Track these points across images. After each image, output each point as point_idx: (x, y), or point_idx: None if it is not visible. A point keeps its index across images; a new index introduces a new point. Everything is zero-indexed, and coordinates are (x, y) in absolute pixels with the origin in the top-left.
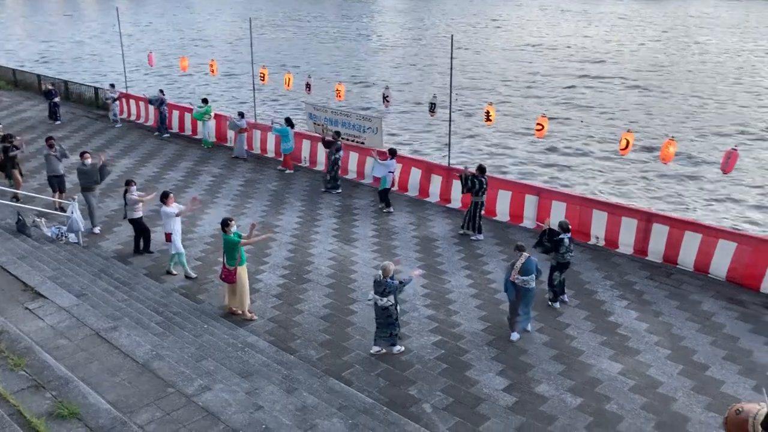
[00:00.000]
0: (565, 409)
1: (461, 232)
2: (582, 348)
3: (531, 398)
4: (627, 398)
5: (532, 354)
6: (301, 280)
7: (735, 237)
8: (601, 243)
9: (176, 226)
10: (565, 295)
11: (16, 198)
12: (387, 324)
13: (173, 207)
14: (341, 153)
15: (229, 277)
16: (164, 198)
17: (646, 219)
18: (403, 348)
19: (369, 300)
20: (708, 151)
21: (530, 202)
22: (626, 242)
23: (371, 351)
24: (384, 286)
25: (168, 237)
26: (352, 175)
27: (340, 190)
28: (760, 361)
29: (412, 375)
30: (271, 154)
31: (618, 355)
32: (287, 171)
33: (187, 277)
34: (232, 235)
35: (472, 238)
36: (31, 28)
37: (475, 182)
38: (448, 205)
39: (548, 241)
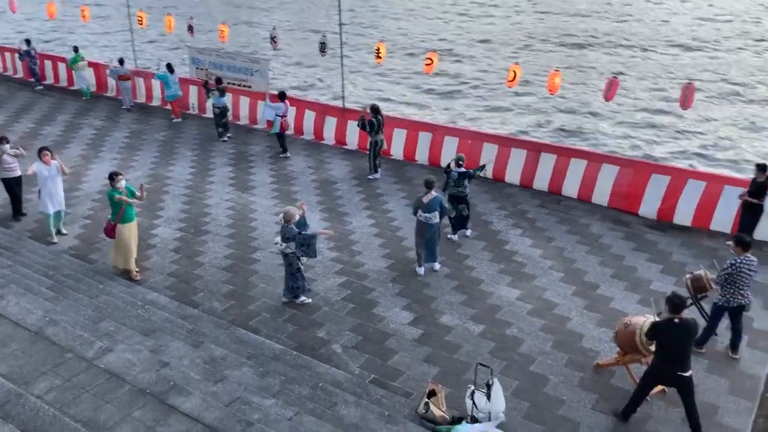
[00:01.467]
0: (469, 336)
1: (369, 177)
2: (482, 277)
3: (436, 329)
4: (526, 321)
5: (435, 287)
6: (200, 232)
7: (617, 161)
8: (490, 169)
9: (50, 186)
10: (468, 230)
11: None
12: (289, 273)
13: (51, 166)
14: (223, 99)
15: (108, 231)
16: (39, 154)
17: (536, 149)
18: (307, 300)
19: (274, 244)
20: (592, 80)
21: (424, 138)
22: (515, 173)
23: (282, 300)
24: (284, 231)
25: (40, 194)
26: (243, 120)
27: (225, 138)
28: (644, 277)
29: (320, 318)
30: (157, 102)
31: (515, 281)
32: (174, 119)
33: (49, 241)
34: (118, 189)
35: (369, 177)
36: None
37: (372, 122)
38: (345, 147)
39: (444, 173)
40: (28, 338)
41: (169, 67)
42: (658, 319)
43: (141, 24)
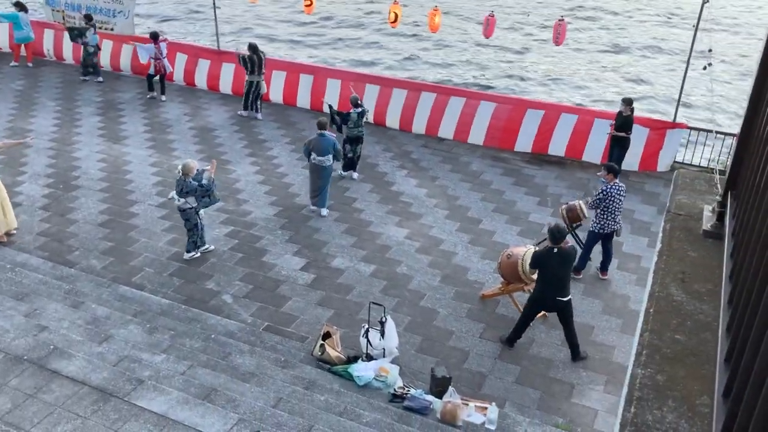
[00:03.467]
0: (360, 278)
1: (241, 113)
2: (370, 219)
3: (328, 273)
4: (414, 259)
5: (325, 231)
6: (70, 188)
7: (494, 98)
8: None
9: None
10: (355, 172)
11: None
12: (188, 228)
13: None
14: (96, 38)
15: None
16: None
17: (416, 89)
18: (197, 254)
19: (169, 199)
20: (468, 18)
21: (305, 81)
22: (395, 118)
23: (184, 256)
24: (182, 185)
25: None
26: (108, 66)
27: (100, 79)
28: (523, 209)
29: (208, 269)
30: (5, 47)
31: (403, 221)
32: (28, 65)
33: None
34: None
35: (244, 114)
36: None
37: (253, 58)
38: (222, 91)
39: (337, 115)
40: None
41: (20, 5)
42: (538, 249)
43: None
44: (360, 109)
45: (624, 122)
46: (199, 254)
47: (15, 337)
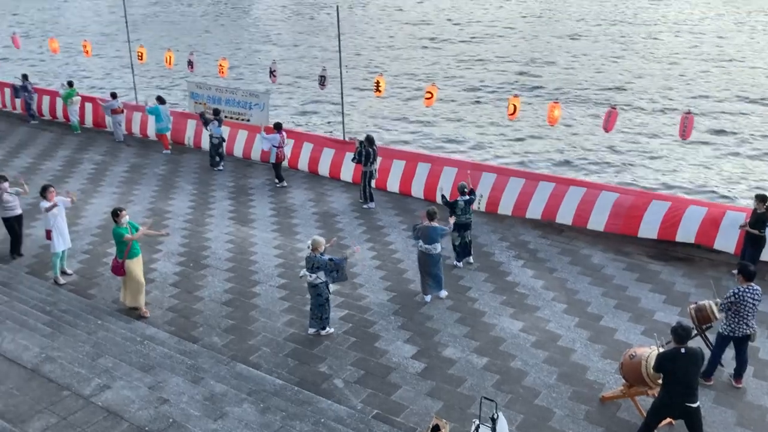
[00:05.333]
0: (472, 369)
1: (365, 206)
2: (484, 309)
3: (439, 362)
4: (530, 354)
5: (437, 319)
6: (199, 266)
7: (616, 189)
8: (483, 204)
9: (59, 222)
10: (471, 257)
11: None
12: (318, 304)
13: (58, 202)
14: (220, 129)
15: (116, 269)
16: (43, 192)
17: (533, 178)
18: (332, 330)
19: (300, 277)
20: (590, 112)
21: (422, 169)
22: (508, 205)
23: (308, 332)
24: (313, 261)
25: (48, 234)
26: (241, 154)
27: (220, 167)
28: (647, 308)
29: (322, 352)
30: (153, 136)
31: (518, 312)
32: (165, 151)
33: (55, 282)
34: (123, 226)
35: (364, 206)
36: None
37: (368, 152)
38: (344, 179)
39: (445, 204)
40: (23, 375)
41: (160, 99)
42: (663, 350)
43: (141, 59)
44: (467, 197)
45: (758, 220)
46: (322, 333)
47: (139, 408)
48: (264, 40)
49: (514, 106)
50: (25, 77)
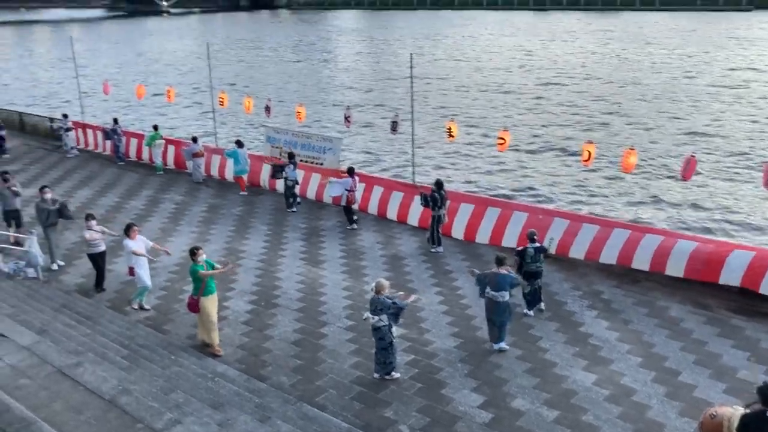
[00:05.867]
0: (542, 422)
1: (432, 250)
2: (555, 360)
3: (507, 414)
4: (603, 408)
5: (506, 368)
6: (270, 305)
7: (695, 238)
8: (554, 246)
9: (141, 260)
10: (542, 304)
11: None
12: (381, 348)
13: (137, 240)
14: (295, 172)
15: (192, 306)
16: (127, 231)
17: (607, 225)
18: (398, 375)
19: (364, 319)
20: (667, 159)
21: (491, 214)
22: (581, 250)
23: (374, 375)
24: (376, 303)
25: (131, 271)
26: (314, 196)
27: (294, 209)
28: (729, 365)
29: (387, 396)
30: (231, 178)
31: (591, 365)
32: (241, 192)
33: (141, 307)
34: (200, 264)
35: (432, 250)
36: None
37: (435, 197)
38: (412, 223)
39: (516, 254)
40: (101, 406)
41: (239, 143)
42: (748, 411)
43: (222, 104)
44: (537, 245)
45: None
46: (387, 378)
47: None
48: (339, 86)
49: (589, 152)
50: (115, 121)
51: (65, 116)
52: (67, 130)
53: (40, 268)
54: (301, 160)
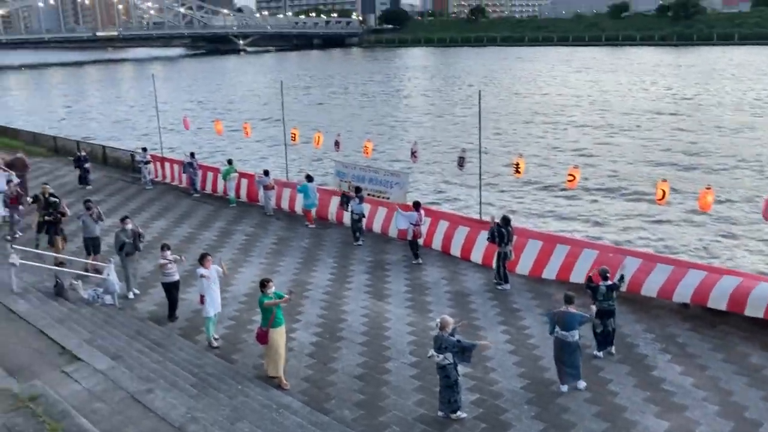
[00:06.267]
0: None
1: (499, 287)
2: (626, 404)
3: None
4: None
5: (574, 411)
6: (335, 339)
7: None
8: (625, 284)
9: (212, 289)
10: (612, 347)
11: (60, 263)
12: (446, 386)
13: (211, 270)
14: (361, 206)
15: (260, 337)
16: (201, 260)
17: (683, 266)
18: (464, 415)
19: (429, 356)
20: (744, 199)
21: (560, 251)
22: (653, 287)
23: (438, 414)
24: (440, 341)
25: (202, 299)
26: (387, 231)
27: (360, 242)
28: None
29: None
30: (300, 211)
31: (664, 411)
32: (309, 225)
33: (209, 344)
34: (269, 296)
35: (498, 287)
36: (73, 97)
37: (502, 233)
38: (477, 259)
39: (587, 288)
40: None
41: (308, 178)
42: None
43: (294, 139)
44: (610, 283)
45: None
46: (452, 417)
47: None
48: (407, 121)
49: (663, 191)
50: (191, 155)
51: (144, 150)
52: (146, 163)
53: (117, 296)
54: (368, 194)
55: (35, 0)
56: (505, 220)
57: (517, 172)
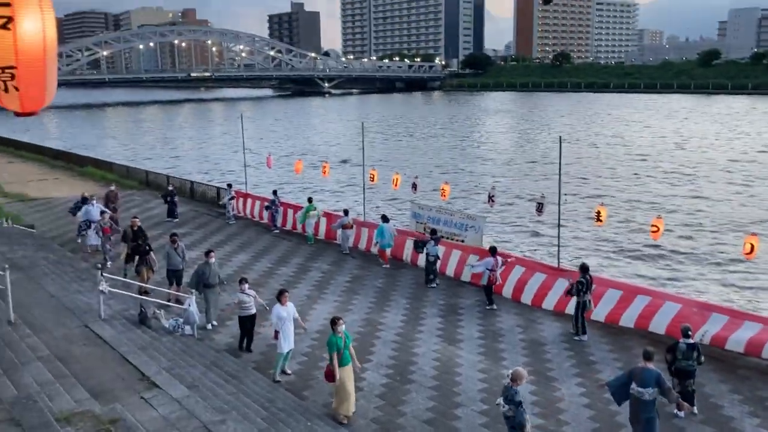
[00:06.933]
0: None
1: (576, 338)
2: None
3: None
4: None
5: None
6: (405, 381)
7: None
8: (707, 340)
9: (286, 326)
10: (695, 408)
11: (144, 292)
12: None
13: (287, 306)
14: (436, 248)
15: (328, 375)
16: (279, 296)
17: None
18: None
19: (497, 404)
20: None
21: (639, 302)
22: (739, 344)
23: None
24: (508, 392)
25: (276, 335)
26: (459, 275)
27: (434, 285)
28: None
29: None
30: (375, 251)
31: None
32: (384, 265)
33: (273, 380)
34: (339, 335)
35: (576, 338)
36: (166, 133)
37: (582, 282)
38: (549, 306)
39: (667, 349)
40: None
41: (385, 218)
42: None
43: (372, 180)
44: (691, 341)
45: None
46: None
47: None
48: (486, 165)
49: (752, 245)
50: (274, 193)
51: (230, 186)
52: (230, 198)
53: (196, 327)
54: (442, 236)
55: (137, 43)
56: (584, 269)
57: (599, 220)
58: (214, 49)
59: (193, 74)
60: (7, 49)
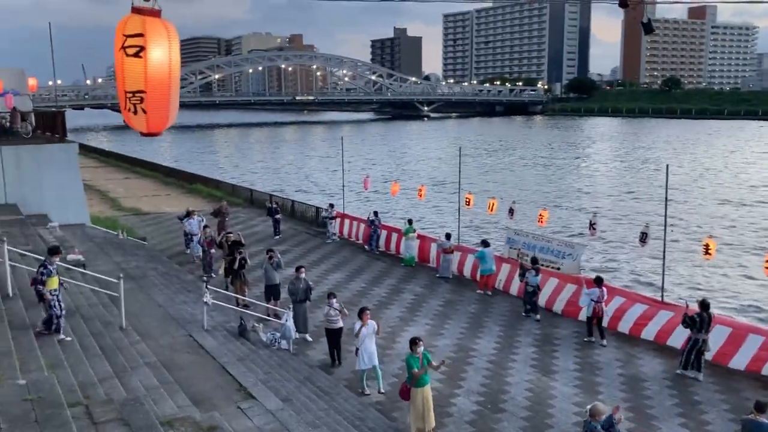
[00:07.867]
0: None
1: (678, 371)
2: None
3: None
4: None
5: None
6: (496, 409)
7: None
8: None
9: (366, 344)
10: None
11: (245, 305)
12: None
13: (368, 325)
14: (537, 278)
15: (403, 393)
16: (360, 313)
17: None
18: None
19: None
20: None
21: (752, 341)
22: None
23: None
24: (587, 428)
25: (356, 351)
26: (553, 304)
27: (538, 317)
28: None
29: None
30: (469, 274)
31: None
32: (480, 291)
33: (362, 392)
34: (417, 355)
35: (691, 376)
36: (270, 153)
37: (704, 317)
38: (649, 337)
39: None
40: None
41: (485, 243)
42: None
43: (468, 205)
44: None
45: None
46: None
47: None
48: (588, 192)
49: None
50: (375, 214)
51: (332, 206)
52: (332, 218)
53: (292, 342)
54: (541, 264)
55: (247, 66)
56: (704, 305)
57: (707, 253)
58: (318, 73)
59: (298, 98)
60: (138, 75)
